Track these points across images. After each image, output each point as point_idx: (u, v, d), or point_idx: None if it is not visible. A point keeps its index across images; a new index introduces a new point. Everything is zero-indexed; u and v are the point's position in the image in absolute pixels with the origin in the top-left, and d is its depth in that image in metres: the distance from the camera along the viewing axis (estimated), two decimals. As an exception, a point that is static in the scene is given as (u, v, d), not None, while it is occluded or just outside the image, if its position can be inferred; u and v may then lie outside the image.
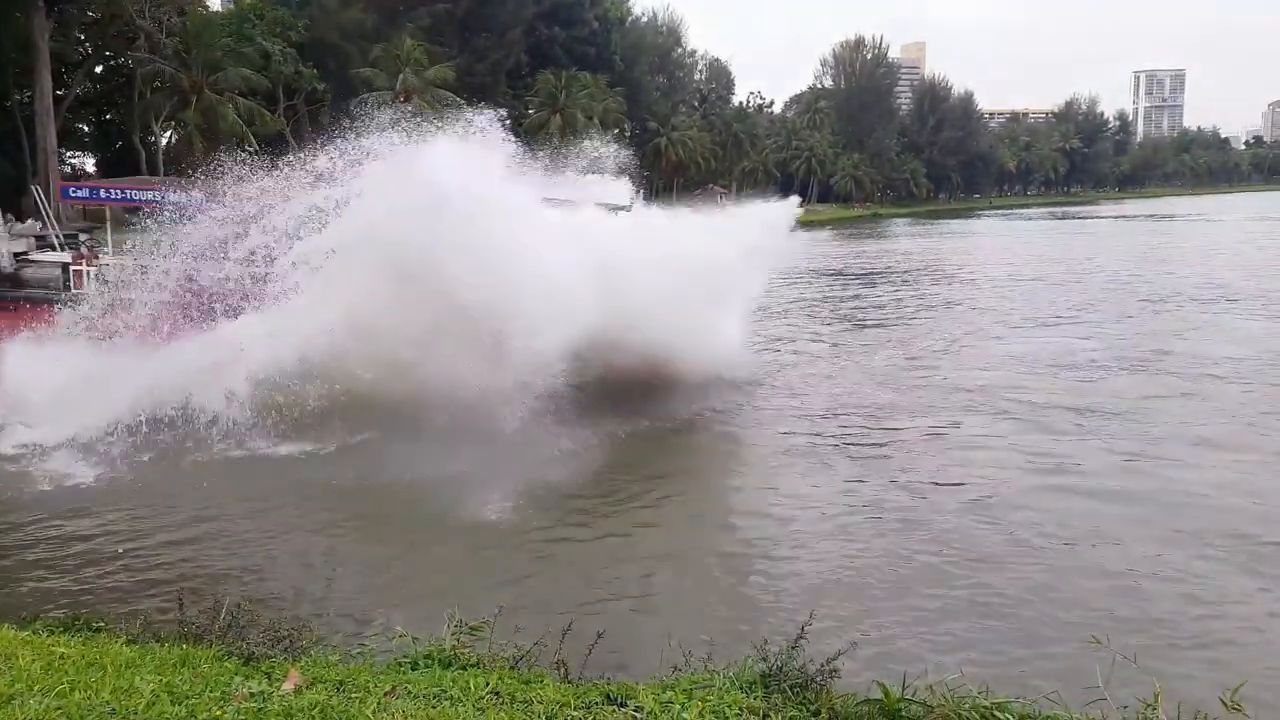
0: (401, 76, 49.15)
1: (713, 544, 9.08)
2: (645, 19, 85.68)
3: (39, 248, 17.07)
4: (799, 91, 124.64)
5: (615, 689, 4.15)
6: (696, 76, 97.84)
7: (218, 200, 13.67)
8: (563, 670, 4.50)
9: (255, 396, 11.93)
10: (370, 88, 49.76)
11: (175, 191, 15.31)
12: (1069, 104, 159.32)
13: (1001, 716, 3.76)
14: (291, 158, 14.24)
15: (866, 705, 4.01)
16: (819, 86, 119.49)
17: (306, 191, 13.42)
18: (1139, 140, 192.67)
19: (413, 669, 4.39)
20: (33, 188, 20.61)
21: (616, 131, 56.03)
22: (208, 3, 49.39)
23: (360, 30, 51.73)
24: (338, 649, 4.82)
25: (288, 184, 13.59)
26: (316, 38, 49.39)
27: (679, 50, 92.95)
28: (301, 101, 50.18)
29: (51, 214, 18.41)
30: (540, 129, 58.72)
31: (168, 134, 47.66)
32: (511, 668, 4.44)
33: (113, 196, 16.74)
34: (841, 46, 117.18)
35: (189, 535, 9.14)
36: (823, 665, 4.25)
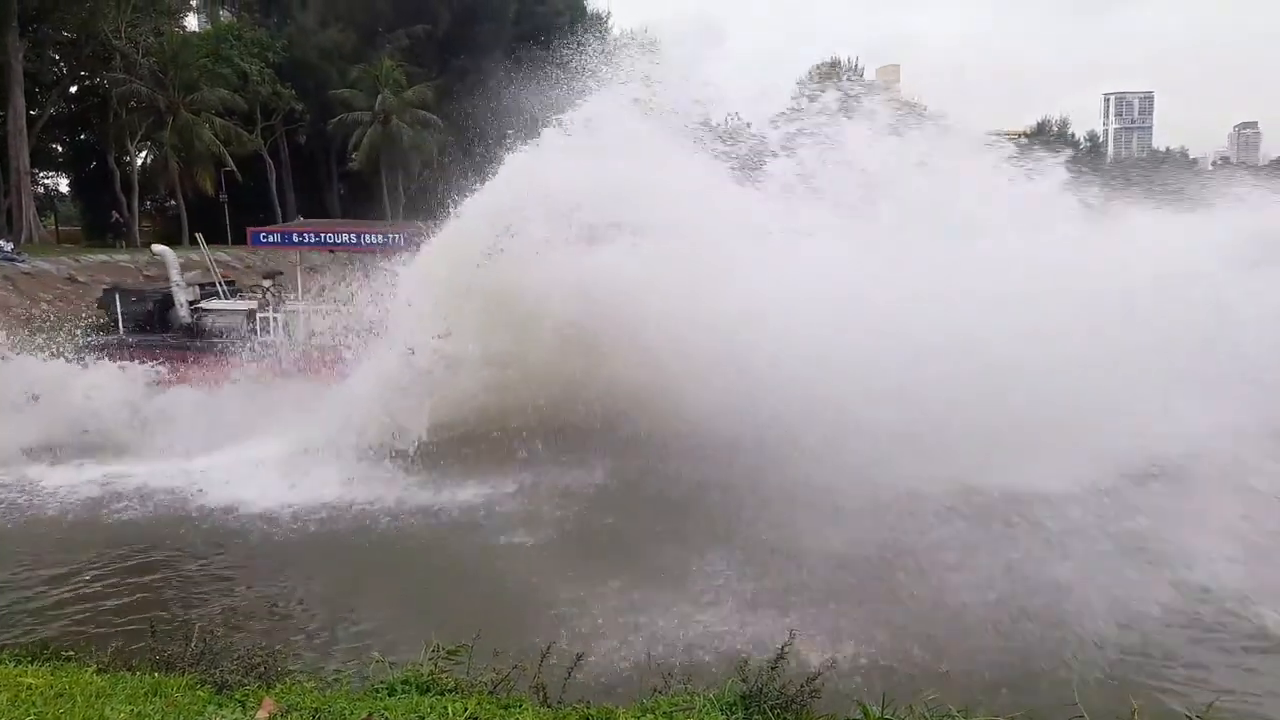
0: (380, 97, 49.17)
1: (695, 563, 9.05)
2: (624, 40, 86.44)
3: (203, 296, 16.69)
4: (777, 113, 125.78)
5: (595, 713, 4.12)
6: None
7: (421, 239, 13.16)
8: (542, 694, 4.45)
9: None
10: (349, 108, 49.73)
11: (374, 234, 15.25)
12: (1040, 125, 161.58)
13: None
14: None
15: (847, 726, 4.01)
16: (796, 108, 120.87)
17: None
18: (1110, 161, 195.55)
19: (390, 695, 4.33)
20: (197, 236, 20.14)
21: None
22: (185, 23, 49.21)
23: (339, 51, 51.73)
24: (313, 676, 4.75)
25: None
26: (295, 58, 49.31)
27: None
28: (279, 122, 50.04)
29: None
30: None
31: (143, 154, 47.33)
32: (490, 692, 4.39)
33: (305, 240, 16.26)
34: (818, 68, 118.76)
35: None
36: (803, 685, 4.24)
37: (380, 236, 15.18)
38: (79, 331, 15.70)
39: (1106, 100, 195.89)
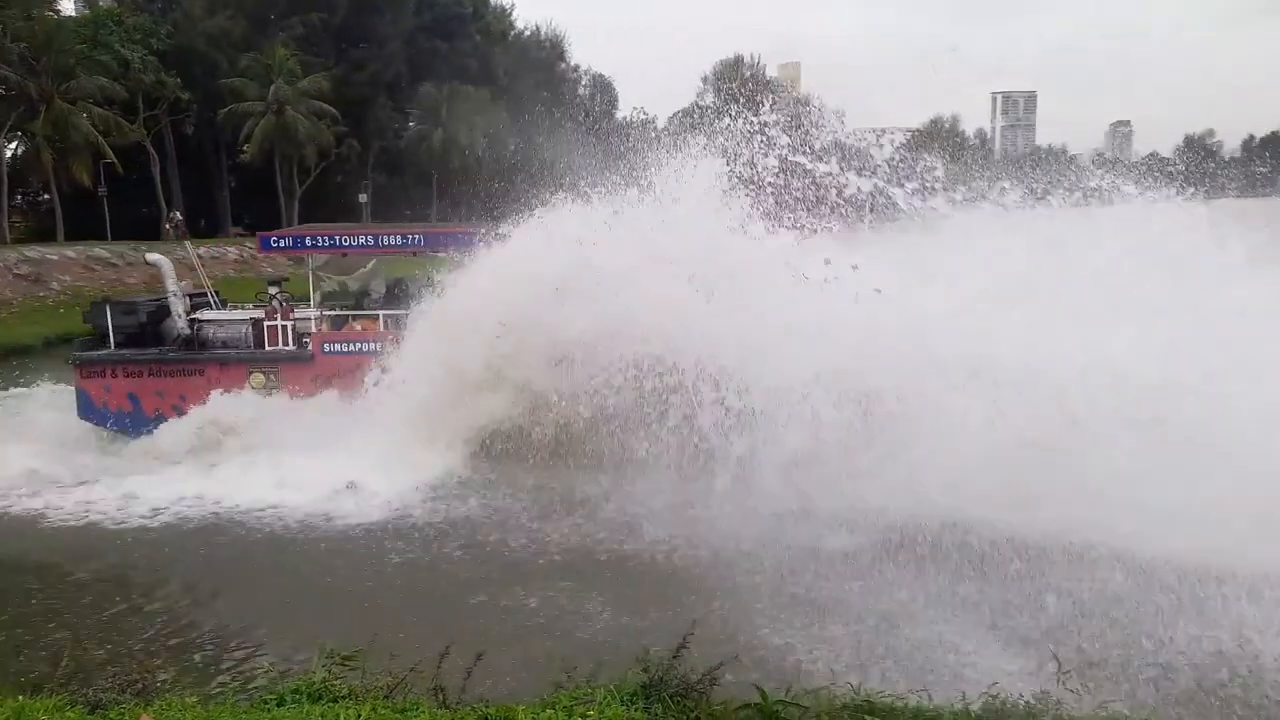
0: (273, 86, 47.37)
1: (605, 559, 9.05)
2: (528, 33, 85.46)
3: (194, 306, 15.36)
4: (681, 107, 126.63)
5: (494, 711, 4.07)
6: (580, 91, 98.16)
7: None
8: (440, 696, 4.36)
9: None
10: (239, 98, 47.76)
11: (395, 235, 14.45)
12: (933, 122, 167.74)
13: (871, 713, 3.87)
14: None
15: (745, 710, 4.06)
16: (700, 103, 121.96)
17: None
18: (997, 157, 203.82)
19: (279, 705, 4.17)
20: (188, 245, 18.43)
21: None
22: (59, 7, 46.20)
23: (228, 38, 49.54)
24: (195, 690, 4.53)
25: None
26: (181, 45, 47.00)
27: (562, 65, 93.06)
28: (164, 111, 47.59)
29: (200, 271, 16.38)
30: (422, 142, 57.61)
31: (13, 145, 44.32)
32: (386, 697, 4.28)
33: (319, 244, 15.23)
34: (721, 65, 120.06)
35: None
36: (704, 674, 4.28)
37: (399, 238, 14.66)
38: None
39: (994, 98, 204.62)
